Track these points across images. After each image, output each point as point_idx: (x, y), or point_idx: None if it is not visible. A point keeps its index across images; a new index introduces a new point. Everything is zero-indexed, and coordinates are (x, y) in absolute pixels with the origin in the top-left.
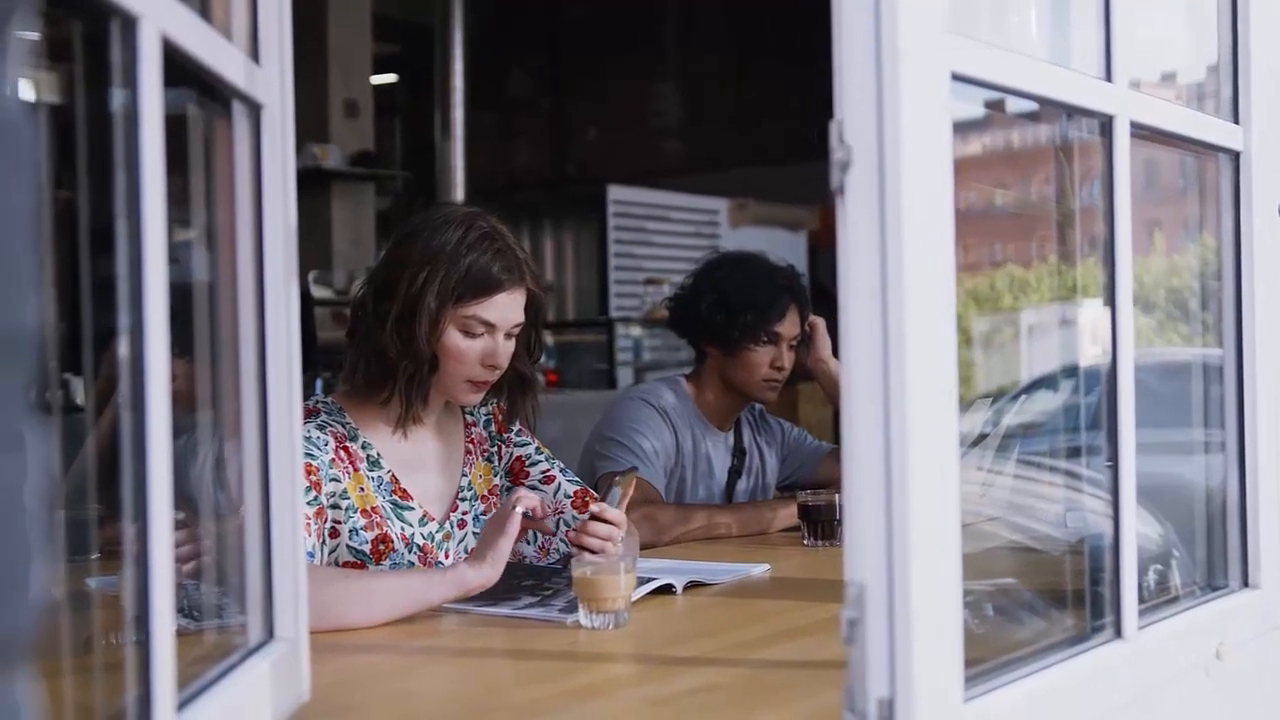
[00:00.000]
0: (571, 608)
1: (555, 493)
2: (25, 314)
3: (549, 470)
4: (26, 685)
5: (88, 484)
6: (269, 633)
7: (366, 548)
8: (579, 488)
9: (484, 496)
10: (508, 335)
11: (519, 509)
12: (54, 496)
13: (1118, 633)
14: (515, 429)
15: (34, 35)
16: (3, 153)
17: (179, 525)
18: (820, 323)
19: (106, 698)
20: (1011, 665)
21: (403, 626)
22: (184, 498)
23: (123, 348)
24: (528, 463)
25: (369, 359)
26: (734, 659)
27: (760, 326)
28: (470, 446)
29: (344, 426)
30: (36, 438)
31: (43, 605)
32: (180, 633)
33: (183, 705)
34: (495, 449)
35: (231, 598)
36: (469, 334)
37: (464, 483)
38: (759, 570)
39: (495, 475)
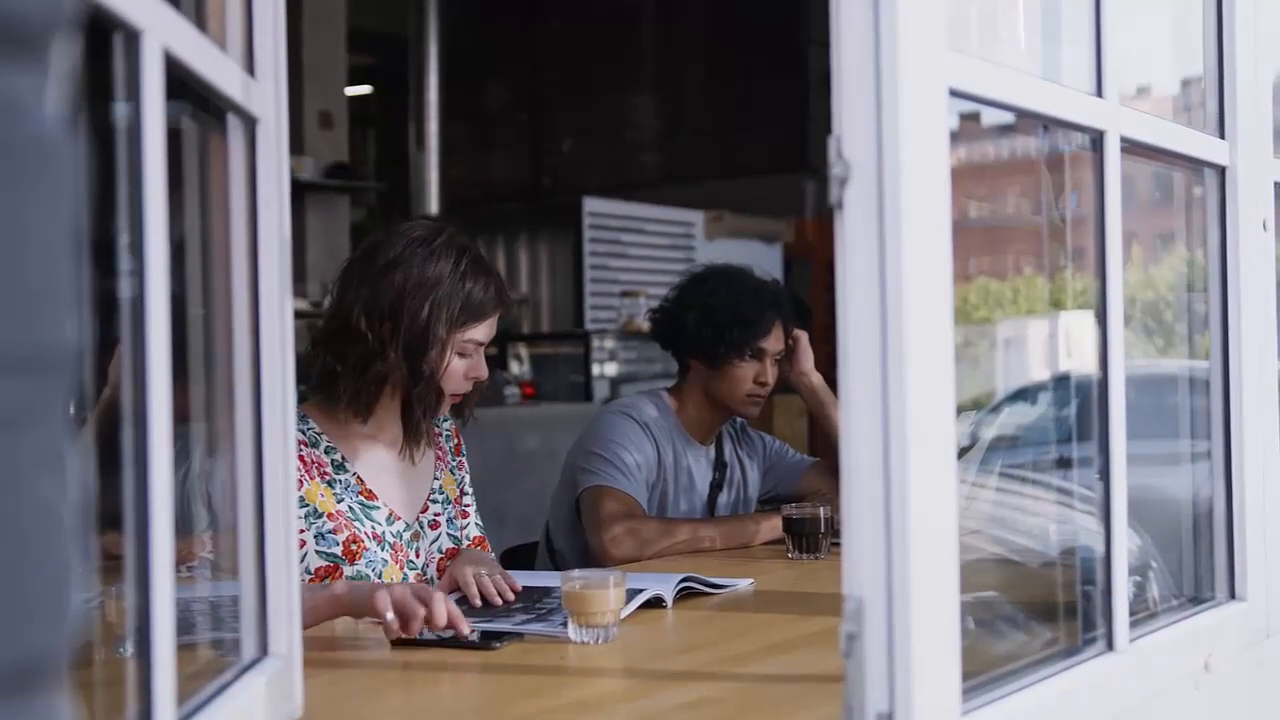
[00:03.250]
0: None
1: (464, 529)
2: (66, 332)
3: (468, 506)
4: (63, 707)
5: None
6: (263, 649)
7: (338, 549)
8: (480, 535)
9: (454, 501)
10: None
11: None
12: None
13: (1109, 645)
14: (464, 454)
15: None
16: (46, 171)
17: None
18: (803, 336)
19: (104, 715)
20: (1007, 678)
21: (395, 642)
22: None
23: (125, 360)
24: (463, 489)
25: (371, 385)
26: (726, 673)
27: (745, 342)
28: (439, 454)
29: (304, 433)
30: (74, 456)
31: (78, 623)
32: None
33: None
34: (455, 463)
35: (223, 612)
36: (463, 355)
37: (435, 485)
38: (744, 584)
39: (456, 487)
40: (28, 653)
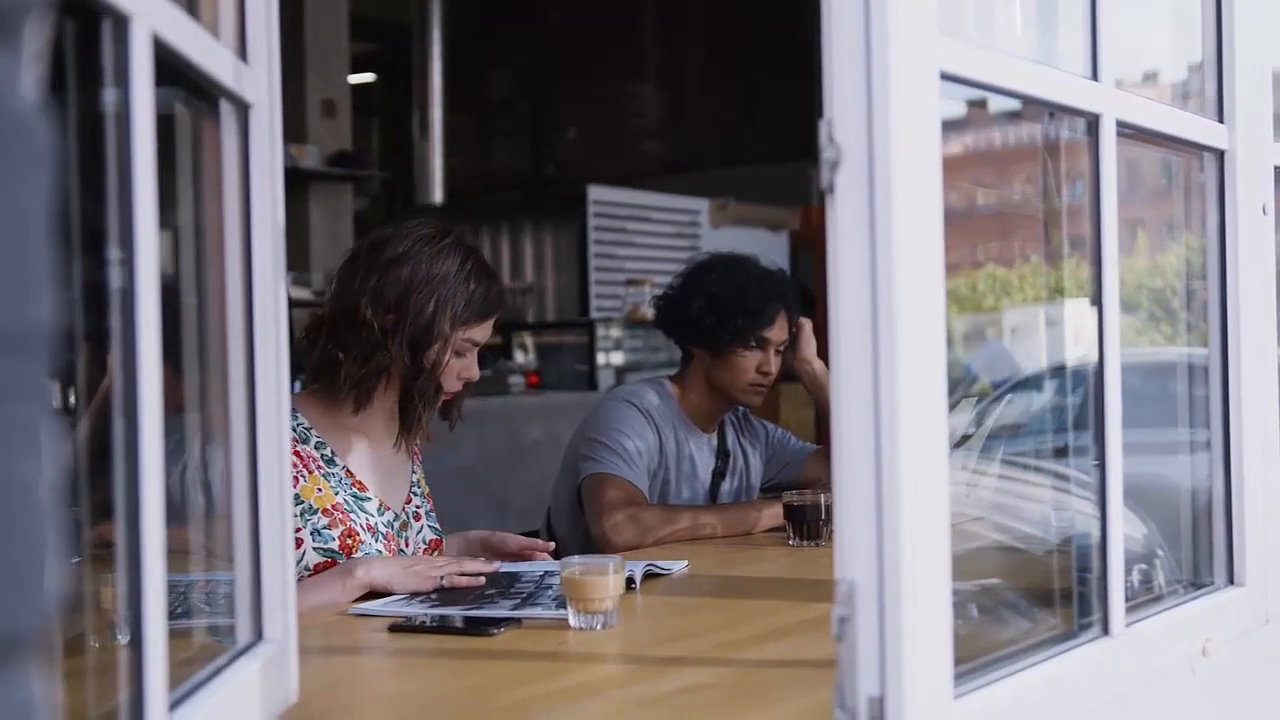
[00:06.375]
0: (564, 603)
1: (419, 532)
2: (42, 311)
3: (428, 508)
4: (40, 682)
5: (72, 486)
6: (257, 634)
7: (334, 544)
8: (436, 537)
9: (427, 497)
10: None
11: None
12: (66, 494)
13: (1105, 630)
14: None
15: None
16: (20, 152)
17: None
18: (807, 324)
19: (95, 700)
20: (1000, 662)
21: (392, 628)
22: (169, 500)
23: (115, 350)
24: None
25: (372, 374)
26: (723, 658)
27: (749, 332)
28: (415, 449)
29: (294, 429)
30: (51, 435)
31: (56, 603)
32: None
33: (173, 707)
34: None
35: (217, 598)
36: (459, 354)
37: (414, 479)
38: (680, 566)
39: (426, 483)
40: (2, 627)
